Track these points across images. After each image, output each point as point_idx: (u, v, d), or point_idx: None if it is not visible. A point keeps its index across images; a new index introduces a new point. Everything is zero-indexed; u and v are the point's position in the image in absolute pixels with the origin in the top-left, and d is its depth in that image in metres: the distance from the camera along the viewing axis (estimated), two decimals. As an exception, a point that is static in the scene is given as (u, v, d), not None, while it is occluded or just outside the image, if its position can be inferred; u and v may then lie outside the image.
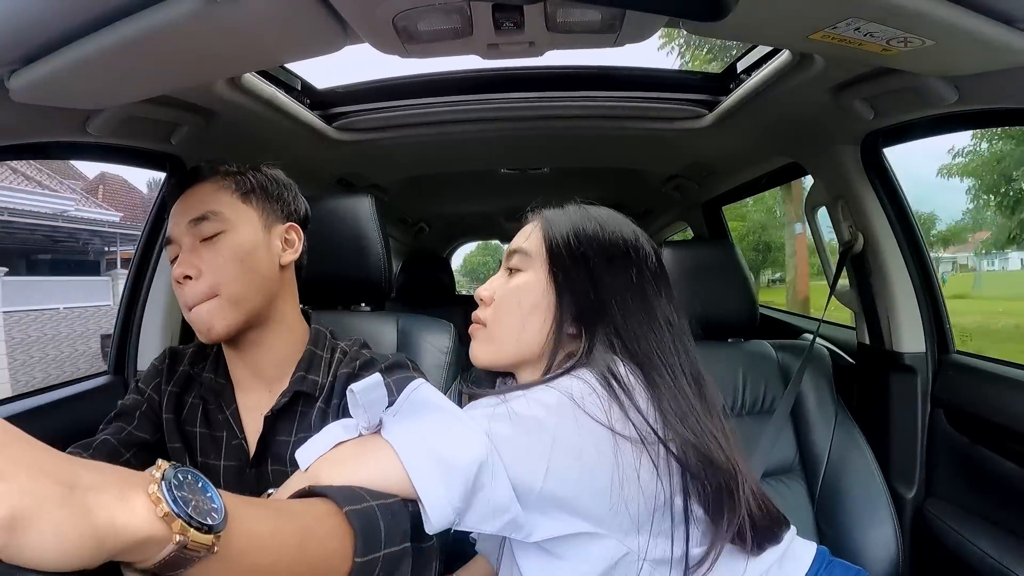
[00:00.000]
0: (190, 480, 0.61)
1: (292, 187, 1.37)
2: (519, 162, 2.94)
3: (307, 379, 1.24)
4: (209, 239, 1.18)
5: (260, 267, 1.22)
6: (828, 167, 1.97)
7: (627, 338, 1.04)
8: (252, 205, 1.25)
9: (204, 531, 0.58)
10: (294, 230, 1.32)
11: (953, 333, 1.90)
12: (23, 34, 0.99)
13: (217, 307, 1.16)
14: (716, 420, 1.03)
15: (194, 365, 1.33)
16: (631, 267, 1.10)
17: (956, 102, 1.37)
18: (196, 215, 1.19)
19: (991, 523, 1.57)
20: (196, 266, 1.16)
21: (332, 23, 1.09)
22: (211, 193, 1.22)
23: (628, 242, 1.15)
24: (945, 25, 0.98)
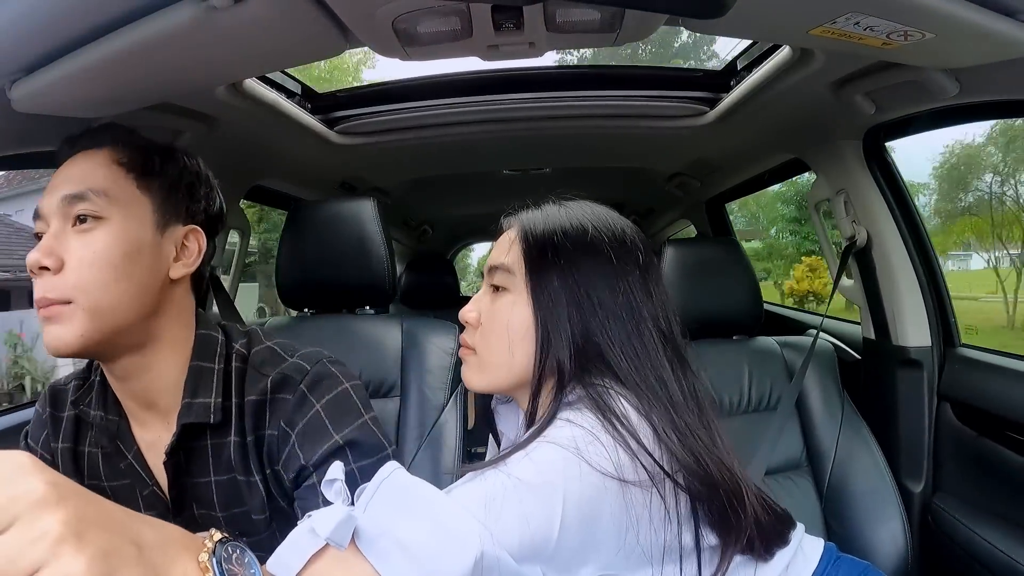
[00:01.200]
0: (237, 555, 0.61)
1: (208, 181, 1.12)
2: (521, 163, 2.94)
3: (194, 405, 1.00)
4: (82, 224, 0.94)
5: (138, 276, 0.96)
6: (830, 163, 1.97)
7: (620, 361, 0.96)
8: (149, 194, 1.00)
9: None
10: (196, 235, 1.06)
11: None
12: (24, 44, 0.99)
13: (71, 314, 0.91)
14: (712, 431, 0.99)
15: (79, 402, 1.09)
16: (620, 273, 1.01)
17: (957, 95, 1.37)
18: (74, 190, 0.94)
19: (1000, 517, 1.57)
20: (58, 256, 0.92)
21: (332, 27, 1.09)
22: (103, 166, 0.98)
23: (615, 242, 1.04)
24: (945, 18, 0.98)
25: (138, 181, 0.99)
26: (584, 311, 0.98)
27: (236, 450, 1.02)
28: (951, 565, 1.67)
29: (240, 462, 1.02)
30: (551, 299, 0.99)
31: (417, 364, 1.52)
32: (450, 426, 1.48)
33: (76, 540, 0.45)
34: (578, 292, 0.98)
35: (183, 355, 1.04)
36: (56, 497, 0.46)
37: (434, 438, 1.47)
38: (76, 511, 0.46)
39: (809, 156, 2.11)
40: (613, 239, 1.04)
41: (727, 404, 1.83)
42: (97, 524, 0.48)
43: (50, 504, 0.45)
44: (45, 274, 0.91)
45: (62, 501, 0.46)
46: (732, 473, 0.94)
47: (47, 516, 0.44)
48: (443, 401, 1.50)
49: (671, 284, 1.93)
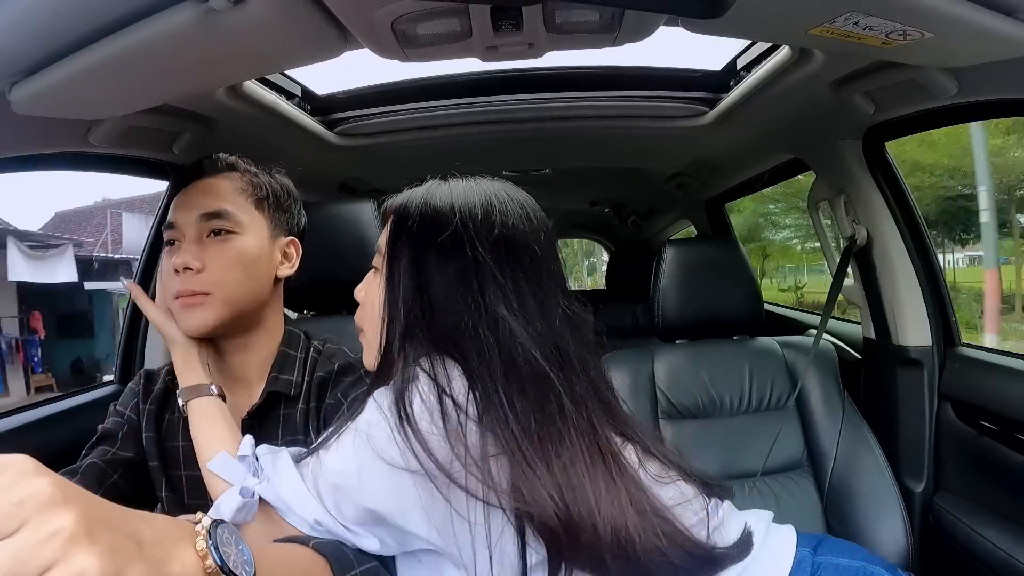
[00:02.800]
0: (226, 535, 0.64)
1: (298, 200, 1.36)
2: (521, 164, 2.94)
3: (280, 379, 1.24)
4: (218, 235, 1.17)
5: (259, 276, 1.22)
6: (830, 162, 1.97)
7: (453, 346, 0.93)
8: (264, 213, 1.24)
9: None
10: (294, 245, 1.31)
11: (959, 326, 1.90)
12: (24, 46, 0.99)
13: (208, 303, 1.15)
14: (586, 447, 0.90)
15: (174, 380, 1.26)
16: (465, 248, 0.97)
17: (957, 94, 1.37)
18: (210, 210, 1.17)
19: (1001, 516, 1.57)
20: (201, 259, 1.14)
21: (331, 29, 1.09)
22: (228, 191, 1.21)
23: (462, 215, 1.00)
24: (944, 17, 0.98)
25: (255, 203, 1.23)
26: (422, 291, 0.97)
27: (301, 416, 1.23)
28: (952, 564, 1.67)
29: (303, 427, 1.22)
30: (397, 278, 0.99)
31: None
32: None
33: (87, 538, 0.46)
34: (420, 272, 0.98)
35: (275, 341, 1.29)
36: (63, 497, 0.46)
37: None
38: (83, 510, 0.47)
39: (809, 156, 2.11)
40: (468, 218, 1.00)
41: (727, 404, 1.84)
42: (102, 522, 0.48)
43: (58, 504, 0.46)
44: (189, 273, 1.14)
45: (69, 501, 0.46)
46: (574, 506, 0.85)
47: (58, 516, 0.45)
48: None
49: (671, 285, 1.93)
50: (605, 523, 0.84)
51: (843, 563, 1.00)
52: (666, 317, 1.95)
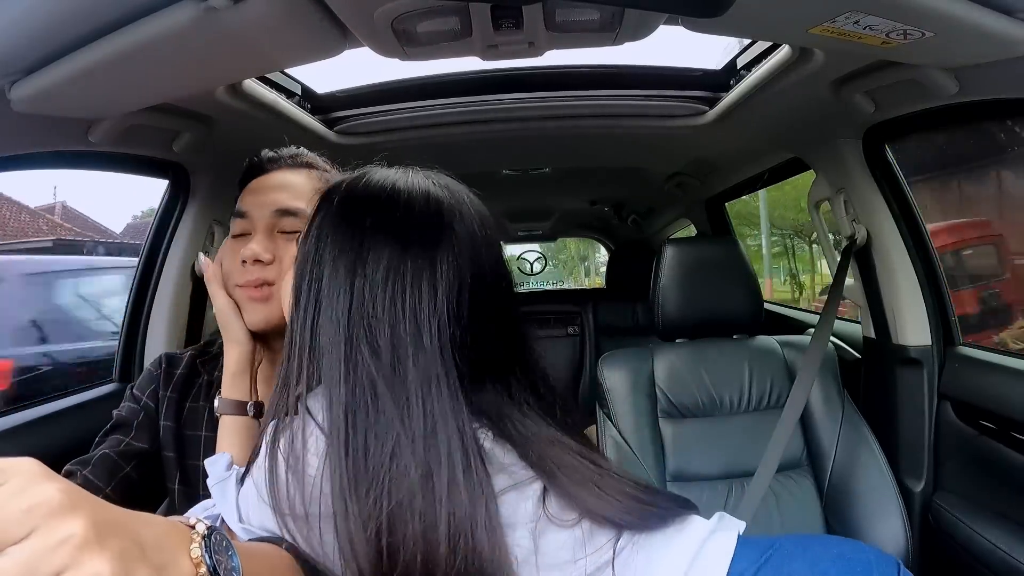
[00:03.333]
0: (217, 543, 0.63)
1: None
2: (521, 163, 2.94)
3: None
4: (288, 234, 1.15)
5: None
6: (830, 162, 1.97)
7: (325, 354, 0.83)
8: None
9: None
10: None
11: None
12: (24, 44, 0.99)
13: (274, 296, 1.13)
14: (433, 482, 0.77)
15: (202, 366, 1.30)
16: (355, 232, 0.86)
17: (957, 94, 1.37)
18: (287, 207, 1.15)
19: (1000, 515, 1.57)
20: (273, 252, 1.14)
21: (331, 27, 1.09)
22: (306, 190, 1.17)
23: (364, 212, 0.89)
24: (944, 16, 0.98)
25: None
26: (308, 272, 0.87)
27: None
28: (952, 564, 1.67)
29: None
30: (306, 261, 0.88)
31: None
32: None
33: (98, 543, 0.46)
34: (310, 250, 0.88)
35: None
36: (71, 503, 0.46)
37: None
38: (92, 515, 0.47)
39: (809, 155, 2.11)
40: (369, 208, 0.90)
41: (727, 403, 1.84)
42: (110, 527, 0.48)
43: (67, 509, 0.45)
44: (256, 264, 1.12)
45: (77, 507, 0.46)
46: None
47: (67, 522, 0.45)
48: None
49: (671, 284, 1.93)
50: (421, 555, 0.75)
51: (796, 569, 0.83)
52: (666, 316, 1.95)
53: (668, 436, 1.81)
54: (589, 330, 3.87)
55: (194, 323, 1.97)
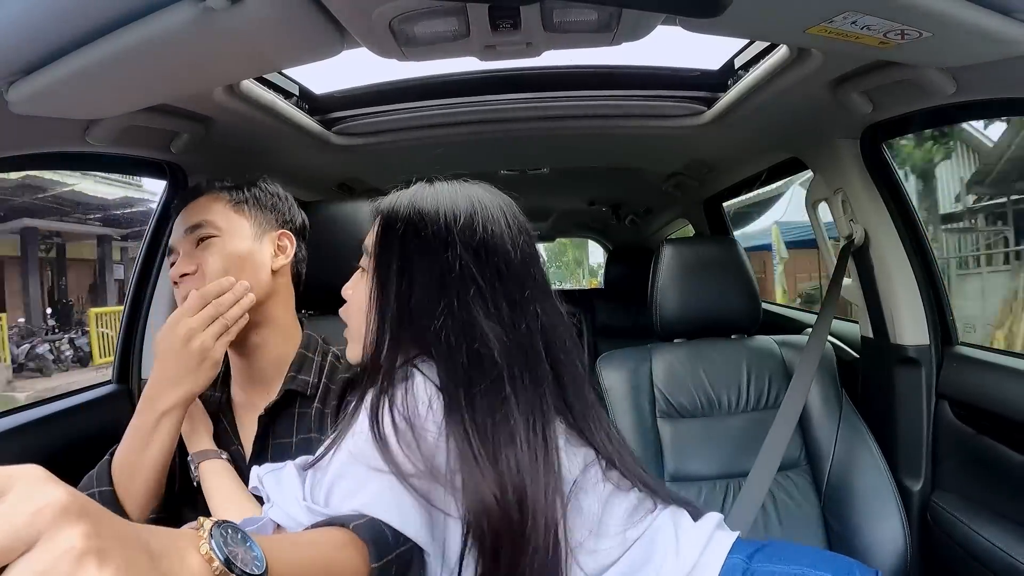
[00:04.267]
0: (231, 534, 0.64)
1: (287, 198, 1.44)
2: (519, 163, 2.94)
3: (298, 379, 1.31)
4: (203, 243, 1.28)
5: (251, 270, 1.29)
6: (828, 161, 1.97)
7: (434, 347, 0.99)
8: (245, 215, 1.33)
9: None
10: (286, 237, 1.39)
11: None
12: (22, 45, 0.99)
13: None
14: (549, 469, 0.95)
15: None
16: (447, 251, 1.01)
17: (954, 93, 1.37)
18: (192, 223, 1.29)
19: (999, 515, 1.57)
20: (192, 264, 1.26)
21: (329, 28, 1.09)
22: (206, 204, 1.31)
23: (447, 219, 1.05)
24: (942, 16, 0.98)
25: (234, 208, 1.33)
26: (406, 293, 1.02)
27: (316, 416, 1.29)
28: (950, 563, 1.67)
29: (317, 425, 1.28)
30: (383, 279, 1.05)
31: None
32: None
33: (98, 555, 0.45)
34: (404, 274, 1.03)
35: (288, 337, 1.37)
36: (77, 509, 0.46)
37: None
38: (96, 524, 0.46)
39: (807, 155, 2.11)
40: (453, 223, 1.04)
41: (725, 403, 1.84)
42: (114, 537, 0.48)
43: (72, 515, 0.45)
44: (185, 279, 1.26)
45: (83, 514, 0.46)
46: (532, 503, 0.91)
47: (69, 529, 0.45)
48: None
49: (669, 284, 1.93)
50: (541, 516, 0.90)
51: (778, 569, 0.99)
52: (664, 316, 1.95)
53: (666, 436, 1.81)
54: (587, 331, 3.86)
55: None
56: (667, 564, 1.00)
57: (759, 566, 1.00)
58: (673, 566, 0.99)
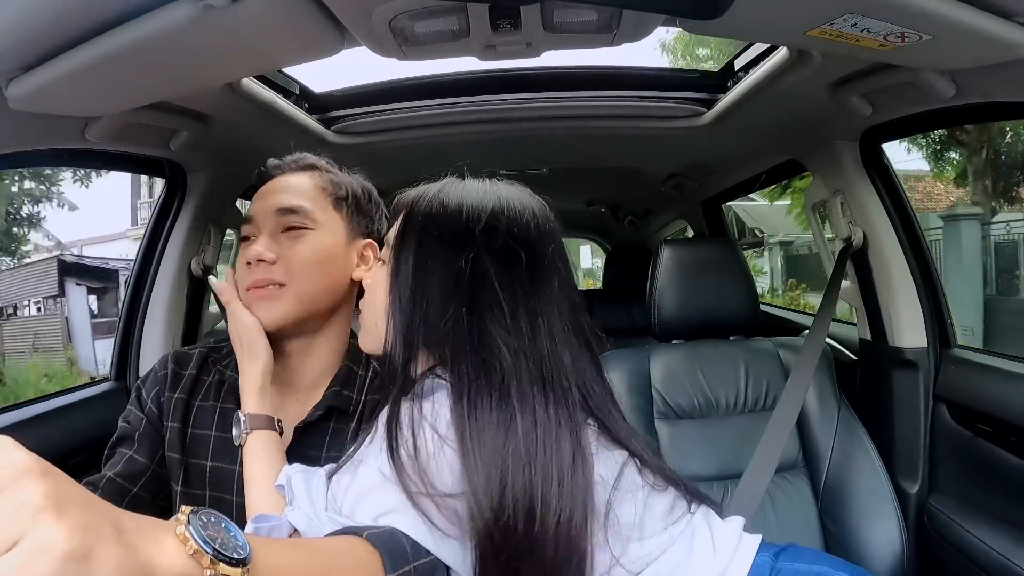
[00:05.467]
0: (213, 521, 0.62)
1: (380, 206, 1.36)
2: (518, 163, 2.94)
3: (342, 394, 1.22)
4: (293, 231, 1.18)
5: (333, 275, 1.21)
6: (827, 164, 1.97)
7: (448, 349, 0.93)
8: (342, 214, 1.25)
9: (232, 564, 0.60)
10: (372, 248, 1.29)
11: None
12: (21, 42, 0.99)
13: (281, 295, 1.15)
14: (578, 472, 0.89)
15: (213, 365, 1.29)
16: (465, 251, 0.96)
17: (954, 96, 1.37)
18: (287, 205, 1.19)
19: (995, 517, 1.57)
20: (275, 251, 1.16)
21: (329, 27, 1.09)
22: (307, 188, 1.23)
23: (469, 217, 1.00)
24: (942, 19, 0.98)
25: (334, 203, 1.25)
26: (422, 291, 0.97)
27: (352, 434, 1.19)
28: (946, 565, 1.67)
29: (350, 445, 1.13)
30: (401, 274, 0.99)
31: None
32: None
33: (56, 511, 0.45)
34: (421, 270, 0.98)
35: (338, 350, 1.28)
36: (40, 470, 0.46)
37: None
38: (58, 486, 0.46)
39: (806, 157, 2.11)
40: (475, 222, 0.99)
41: (723, 404, 1.84)
42: (77, 502, 0.48)
43: (34, 475, 0.45)
44: (260, 265, 1.15)
45: (45, 475, 0.46)
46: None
47: (30, 487, 0.45)
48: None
49: (668, 285, 1.93)
50: (562, 525, 0.86)
51: (803, 568, 1.00)
52: (662, 317, 1.95)
53: (664, 437, 1.81)
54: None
55: (191, 322, 1.97)
56: (705, 563, 0.99)
57: (784, 564, 1.01)
58: (711, 565, 0.99)
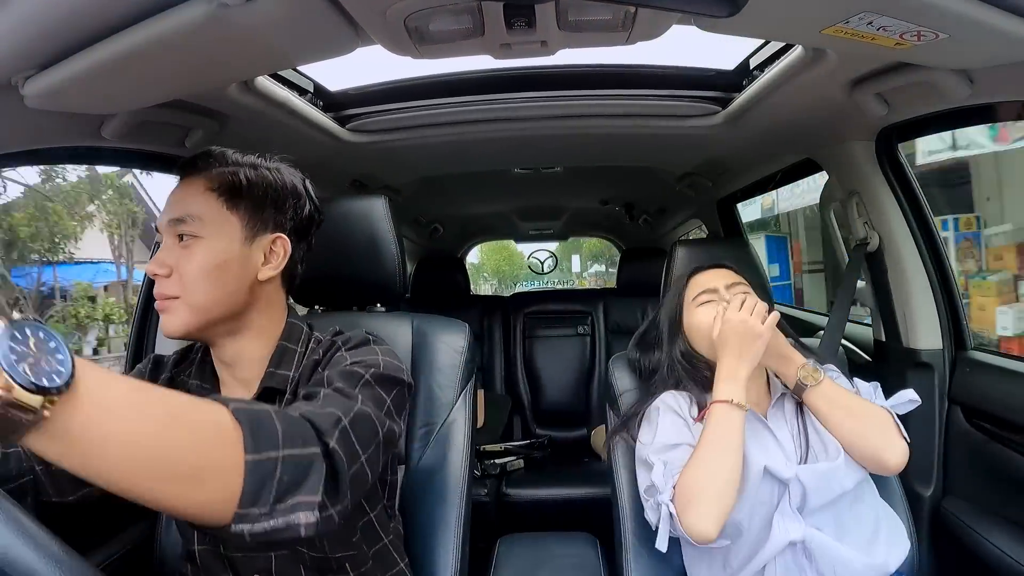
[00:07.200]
0: (40, 337, 0.57)
1: (295, 192, 1.27)
2: (532, 162, 2.94)
3: (276, 375, 1.20)
4: (183, 240, 1.14)
5: (229, 281, 1.16)
6: (842, 163, 1.96)
7: None
8: (238, 213, 1.18)
9: (33, 391, 0.54)
10: (281, 242, 1.23)
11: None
12: (38, 41, 1.00)
13: (176, 308, 1.13)
14: None
15: (179, 372, 1.31)
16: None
17: (971, 96, 1.36)
18: (176, 215, 1.14)
19: (1010, 522, 1.56)
20: (168, 265, 1.13)
21: (344, 25, 1.10)
22: (198, 193, 1.16)
23: None
24: (958, 18, 0.98)
25: (227, 204, 1.17)
26: None
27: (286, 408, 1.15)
28: (960, 569, 1.66)
29: None
30: None
31: (427, 362, 1.52)
32: (459, 424, 1.48)
33: None
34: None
35: (271, 339, 1.24)
36: None
37: (443, 436, 1.47)
38: None
39: (821, 157, 2.10)
40: None
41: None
42: None
43: None
44: (159, 278, 1.13)
45: None
46: None
47: None
48: (452, 399, 1.50)
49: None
50: None
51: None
52: (676, 317, 1.94)
53: (678, 437, 1.80)
54: (599, 330, 3.86)
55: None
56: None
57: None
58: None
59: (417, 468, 1.44)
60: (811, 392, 1.42)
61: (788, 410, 1.49)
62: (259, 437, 0.76)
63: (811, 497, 1.33)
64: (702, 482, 1.29)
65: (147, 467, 0.67)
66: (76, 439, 0.60)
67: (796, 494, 1.35)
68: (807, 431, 1.44)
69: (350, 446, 0.92)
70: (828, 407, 1.41)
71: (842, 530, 1.35)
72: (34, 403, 0.54)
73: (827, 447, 1.39)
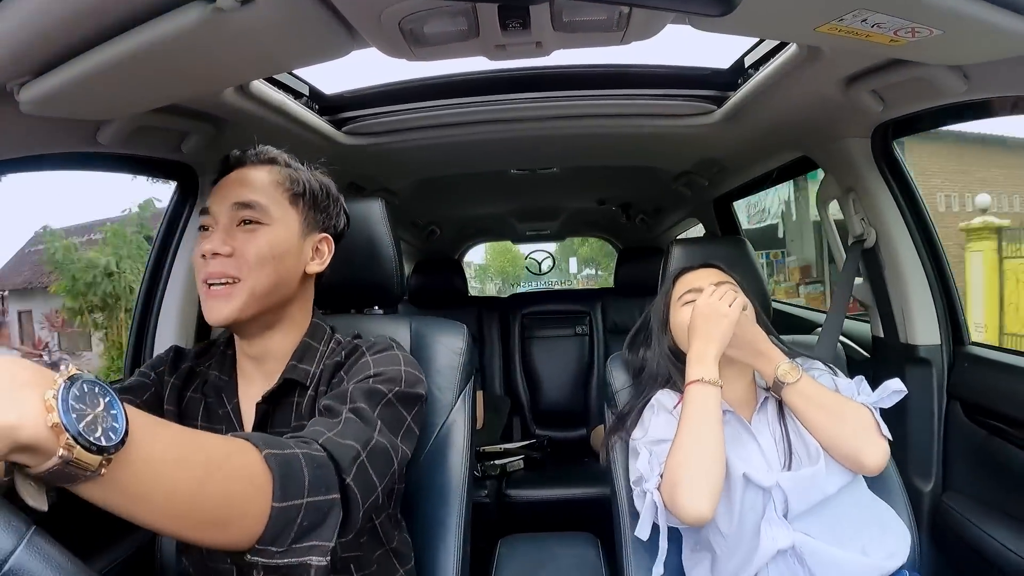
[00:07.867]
0: (96, 393, 0.58)
1: (339, 201, 1.36)
2: (529, 163, 2.94)
3: (298, 368, 1.24)
4: (249, 225, 1.18)
5: (286, 270, 1.22)
6: (838, 161, 1.96)
7: None
8: (297, 209, 1.25)
9: (93, 451, 0.56)
10: (327, 242, 1.32)
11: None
12: (33, 46, 1.00)
13: (235, 291, 1.15)
14: None
15: (199, 364, 1.34)
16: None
17: (966, 92, 1.36)
18: (243, 200, 1.19)
19: (1009, 516, 1.56)
20: (230, 245, 1.16)
21: (339, 28, 1.10)
22: (264, 183, 1.22)
23: None
24: (953, 14, 0.98)
25: (291, 198, 1.25)
26: None
27: (309, 403, 1.23)
28: (960, 564, 1.66)
29: (308, 413, 1.22)
30: None
31: (426, 364, 1.51)
32: (458, 426, 1.48)
33: None
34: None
35: (298, 335, 1.29)
36: None
37: (442, 437, 1.47)
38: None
39: (817, 154, 2.10)
40: None
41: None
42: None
43: None
44: (216, 258, 1.15)
45: None
46: None
47: None
48: (452, 401, 1.50)
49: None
50: None
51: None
52: (674, 316, 1.94)
53: (676, 436, 1.80)
54: (598, 330, 3.86)
55: (203, 322, 1.98)
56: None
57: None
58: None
59: (417, 470, 1.44)
60: (789, 389, 1.43)
61: (771, 413, 1.49)
62: (287, 486, 0.79)
63: (793, 503, 1.34)
64: (687, 461, 1.31)
65: (184, 515, 0.71)
66: (123, 490, 0.63)
67: (779, 501, 1.35)
68: (790, 435, 1.44)
69: (367, 480, 0.97)
70: (805, 404, 1.41)
71: (834, 533, 1.34)
72: (93, 463, 0.56)
73: (809, 450, 1.40)
